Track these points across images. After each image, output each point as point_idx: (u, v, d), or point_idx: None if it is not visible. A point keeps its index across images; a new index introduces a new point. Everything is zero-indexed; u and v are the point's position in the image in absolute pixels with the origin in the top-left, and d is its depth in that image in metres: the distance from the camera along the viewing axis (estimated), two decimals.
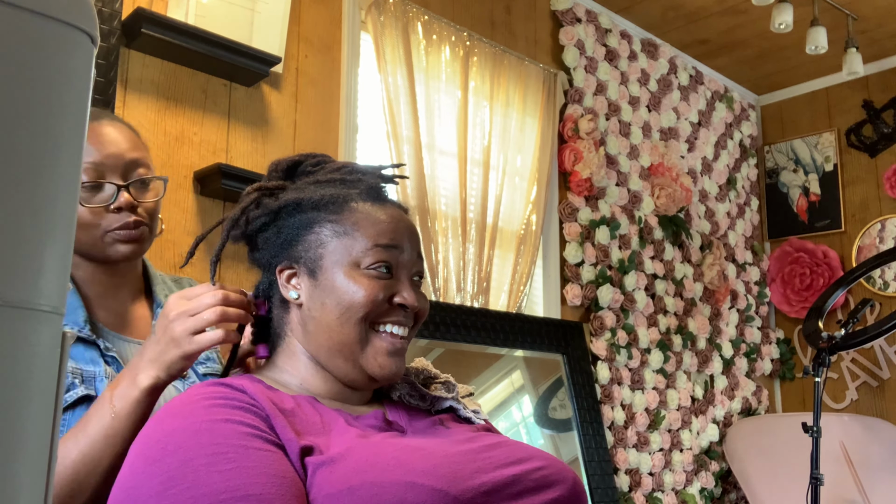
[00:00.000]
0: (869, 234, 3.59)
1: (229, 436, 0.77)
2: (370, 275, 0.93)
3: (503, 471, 0.83)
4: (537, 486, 0.84)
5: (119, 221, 1.15)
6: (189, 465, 0.74)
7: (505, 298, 2.70)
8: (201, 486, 0.72)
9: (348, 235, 0.95)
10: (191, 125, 2.03)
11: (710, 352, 3.49)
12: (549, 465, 0.88)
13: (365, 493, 0.74)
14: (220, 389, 0.85)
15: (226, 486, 0.72)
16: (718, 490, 3.42)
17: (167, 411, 0.83)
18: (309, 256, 0.96)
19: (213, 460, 0.74)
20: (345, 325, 0.93)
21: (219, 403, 0.82)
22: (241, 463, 0.75)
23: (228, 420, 0.79)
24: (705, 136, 3.67)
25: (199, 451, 0.75)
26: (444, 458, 0.82)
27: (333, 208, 0.96)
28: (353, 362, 0.94)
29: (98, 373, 1.07)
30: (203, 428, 0.78)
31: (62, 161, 0.42)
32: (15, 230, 0.39)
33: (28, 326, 0.40)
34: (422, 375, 1.05)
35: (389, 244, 0.95)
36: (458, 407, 1.03)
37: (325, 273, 0.94)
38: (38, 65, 0.41)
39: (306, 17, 2.31)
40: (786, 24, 2.93)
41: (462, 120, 2.62)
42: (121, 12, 1.90)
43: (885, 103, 3.61)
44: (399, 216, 0.99)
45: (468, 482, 0.79)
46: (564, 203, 2.98)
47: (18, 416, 0.39)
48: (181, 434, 0.78)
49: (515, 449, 0.89)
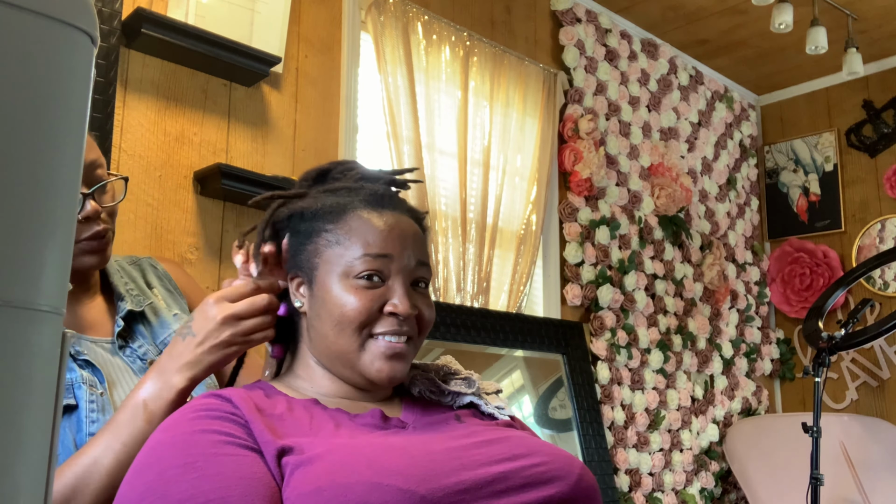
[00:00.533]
0: (869, 234, 3.59)
1: (201, 445, 0.82)
2: (361, 285, 0.94)
3: (490, 468, 0.83)
4: (527, 483, 0.83)
5: (87, 232, 1.09)
6: (163, 475, 0.79)
7: (505, 298, 2.70)
8: (171, 495, 0.77)
9: (341, 244, 0.95)
10: (191, 125, 2.03)
11: (710, 352, 3.49)
12: (551, 462, 0.87)
13: (332, 493, 0.76)
14: (207, 401, 0.88)
15: (191, 494, 0.77)
16: (718, 490, 3.42)
17: (161, 425, 0.88)
18: (309, 266, 0.97)
19: (183, 470, 0.79)
20: (339, 335, 0.94)
21: (200, 415, 0.86)
22: (207, 471, 0.79)
23: (204, 430, 0.83)
24: (705, 136, 3.67)
25: (173, 462, 0.80)
26: (424, 455, 0.82)
27: (332, 217, 0.97)
28: (351, 368, 0.95)
29: (74, 379, 1.04)
30: (179, 440, 0.83)
31: (62, 161, 0.42)
32: (15, 230, 0.39)
33: (28, 326, 0.40)
34: (443, 371, 1.05)
35: (380, 253, 0.94)
36: (479, 402, 1.02)
37: (321, 283, 0.96)
38: (38, 65, 0.41)
39: (306, 17, 2.31)
40: (786, 24, 2.93)
41: (462, 120, 2.62)
42: (121, 12, 1.90)
43: (885, 103, 3.61)
44: (396, 223, 0.97)
45: (443, 480, 0.79)
46: (564, 203, 2.98)
47: (18, 416, 0.39)
48: (161, 446, 0.83)
49: (517, 444, 0.88)
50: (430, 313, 0.99)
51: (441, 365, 1.06)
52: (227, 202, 2.06)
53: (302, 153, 2.23)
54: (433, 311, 1.00)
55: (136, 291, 1.21)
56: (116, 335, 1.14)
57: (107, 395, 1.05)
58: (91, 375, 1.06)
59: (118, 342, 1.14)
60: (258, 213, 2.12)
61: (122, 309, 1.16)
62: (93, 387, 1.04)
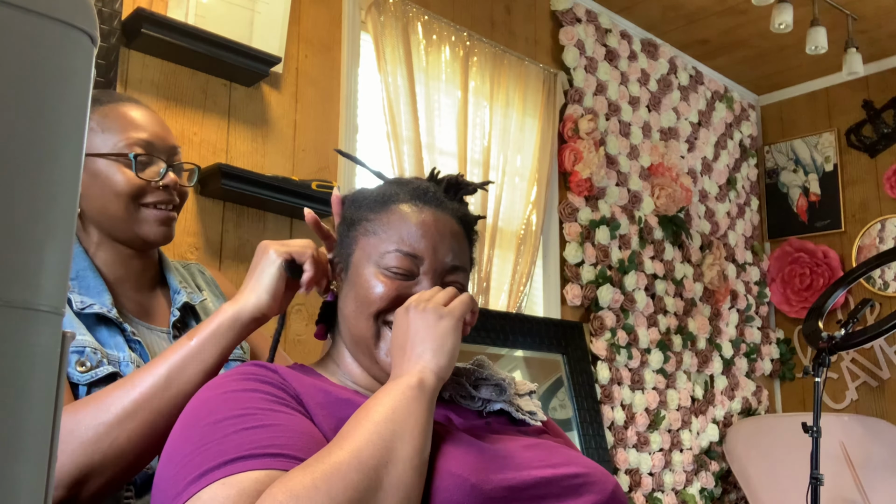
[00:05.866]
0: (869, 234, 3.59)
1: (255, 400, 0.82)
2: (390, 275, 0.94)
3: (534, 472, 0.83)
4: (566, 491, 0.83)
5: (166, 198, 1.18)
6: (219, 425, 0.78)
7: (505, 298, 2.70)
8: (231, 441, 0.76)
9: (377, 235, 0.96)
10: (191, 125, 2.03)
11: (710, 352, 3.49)
12: (589, 474, 0.87)
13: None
14: (254, 368, 0.89)
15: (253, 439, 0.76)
16: (718, 490, 3.42)
17: (205, 386, 0.88)
18: (348, 252, 0.99)
19: (242, 420, 0.78)
20: (359, 318, 0.95)
21: (249, 377, 0.86)
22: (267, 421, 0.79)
23: (256, 390, 0.84)
24: (705, 136, 3.67)
25: (229, 413, 0.79)
26: (475, 448, 0.83)
27: (376, 206, 0.99)
28: (370, 357, 0.96)
29: (122, 357, 1.08)
30: (231, 396, 0.82)
31: (62, 161, 0.42)
32: (15, 230, 0.39)
33: (28, 326, 0.40)
34: (474, 376, 1.03)
35: (410, 252, 0.94)
36: (509, 410, 1.01)
37: (354, 268, 0.97)
38: (38, 65, 0.41)
39: (306, 18, 2.31)
40: (786, 24, 2.93)
41: (462, 120, 2.62)
42: (121, 12, 1.90)
43: (885, 103, 3.61)
44: (434, 221, 0.96)
45: (493, 475, 0.79)
46: (564, 203, 2.98)
47: (18, 416, 0.39)
48: (213, 401, 0.83)
49: (555, 453, 0.89)
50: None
51: (472, 368, 1.05)
52: (227, 202, 2.06)
53: (302, 153, 2.23)
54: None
55: (189, 289, 1.27)
56: (172, 325, 1.19)
57: None
58: (139, 358, 1.10)
59: (173, 332, 1.19)
60: (258, 214, 2.12)
61: (179, 301, 1.22)
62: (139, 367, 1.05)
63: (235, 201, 2.06)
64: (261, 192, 2.00)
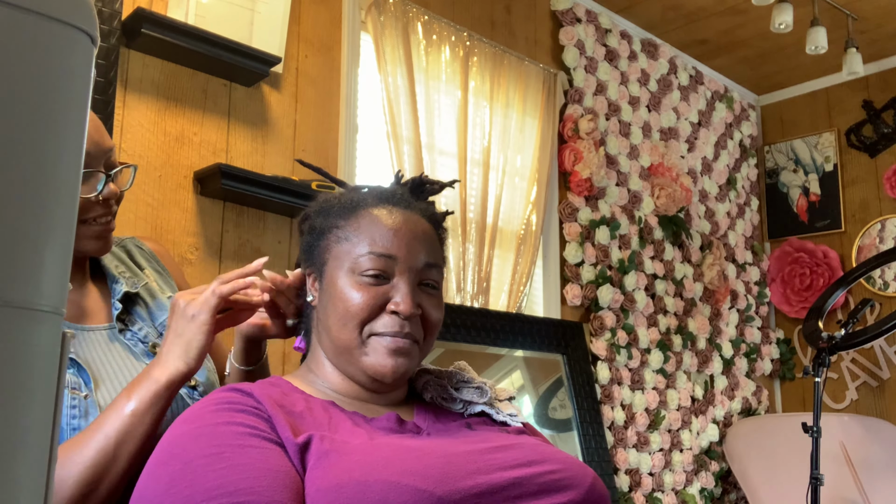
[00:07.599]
0: (869, 234, 3.59)
1: (227, 436, 0.82)
2: (366, 281, 0.95)
3: (505, 473, 0.83)
4: (542, 489, 0.84)
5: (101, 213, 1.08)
6: (189, 466, 0.79)
7: (505, 298, 2.70)
8: (199, 485, 0.77)
9: (349, 241, 0.97)
10: (191, 125, 2.03)
11: (710, 352, 3.49)
12: (565, 469, 0.87)
13: (351, 491, 0.76)
14: (228, 395, 0.89)
15: (219, 483, 0.76)
16: (718, 490, 3.42)
17: (180, 418, 0.88)
18: (320, 261, 0.99)
19: (211, 460, 0.79)
20: (342, 329, 0.95)
21: (223, 407, 0.86)
22: (235, 461, 0.79)
23: (229, 423, 0.83)
24: (705, 136, 3.67)
25: (199, 453, 0.80)
26: (441, 458, 0.82)
27: (344, 213, 0.99)
28: (355, 365, 0.96)
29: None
30: (205, 431, 0.83)
31: (62, 161, 0.42)
32: (15, 230, 0.39)
33: (28, 326, 0.40)
34: (455, 378, 1.05)
35: (384, 253, 0.95)
36: (490, 412, 1.02)
37: (329, 278, 0.97)
38: (38, 65, 0.41)
39: (306, 17, 2.31)
40: (786, 24, 2.93)
41: (462, 120, 2.62)
42: (121, 12, 1.90)
43: (885, 103, 3.61)
44: (404, 222, 0.98)
45: (459, 483, 0.79)
46: (564, 203, 2.98)
47: (18, 416, 0.39)
48: (185, 437, 0.83)
49: (531, 451, 0.89)
50: (436, 314, 0.99)
51: (454, 371, 1.06)
52: (227, 202, 2.06)
53: (302, 153, 2.23)
54: (441, 313, 1.00)
55: (128, 273, 1.17)
56: (115, 318, 1.11)
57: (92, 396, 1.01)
58: (75, 377, 1.01)
59: (118, 325, 1.11)
60: (258, 214, 2.12)
61: (118, 291, 1.13)
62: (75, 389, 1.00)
63: (235, 201, 2.06)
64: (261, 193, 2.00)
